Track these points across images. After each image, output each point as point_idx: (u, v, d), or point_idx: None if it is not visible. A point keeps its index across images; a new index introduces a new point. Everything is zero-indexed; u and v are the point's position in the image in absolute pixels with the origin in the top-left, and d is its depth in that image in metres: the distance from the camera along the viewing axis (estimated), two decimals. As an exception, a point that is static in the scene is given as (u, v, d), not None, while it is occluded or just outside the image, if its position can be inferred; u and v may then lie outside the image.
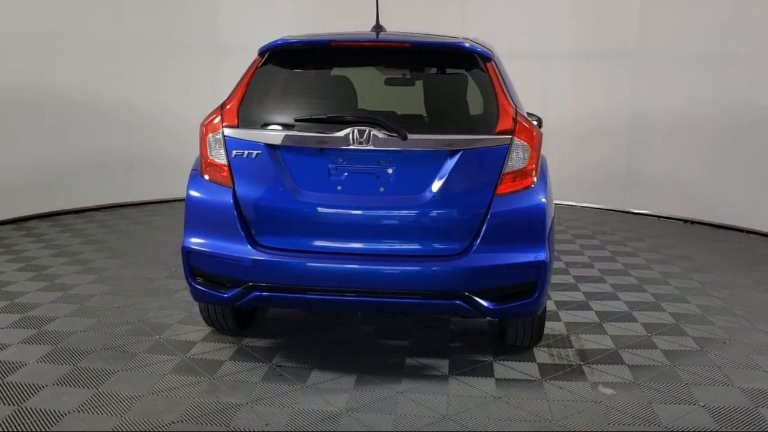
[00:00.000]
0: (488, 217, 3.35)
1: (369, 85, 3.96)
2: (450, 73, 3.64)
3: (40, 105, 7.29)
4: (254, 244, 3.46)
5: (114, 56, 7.90)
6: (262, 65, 3.68)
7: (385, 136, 3.36)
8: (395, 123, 3.37)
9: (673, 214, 7.79)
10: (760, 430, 3.08)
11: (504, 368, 3.72)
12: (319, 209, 3.44)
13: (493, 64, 3.62)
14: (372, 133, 3.35)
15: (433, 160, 3.40)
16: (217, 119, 3.58)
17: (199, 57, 8.50)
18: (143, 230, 6.94)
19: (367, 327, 4.31)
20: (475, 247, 3.34)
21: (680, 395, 3.41)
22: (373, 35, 3.81)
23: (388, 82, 4.07)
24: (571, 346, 4.03)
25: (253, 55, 3.71)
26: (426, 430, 3.06)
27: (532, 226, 3.40)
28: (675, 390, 3.47)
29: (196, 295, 3.64)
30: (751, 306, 4.79)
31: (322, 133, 3.41)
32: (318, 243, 3.44)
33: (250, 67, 3.72)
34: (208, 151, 3.58)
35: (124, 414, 3.12)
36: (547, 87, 8.31)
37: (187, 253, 3.54)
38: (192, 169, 3.70)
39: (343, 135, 3.37)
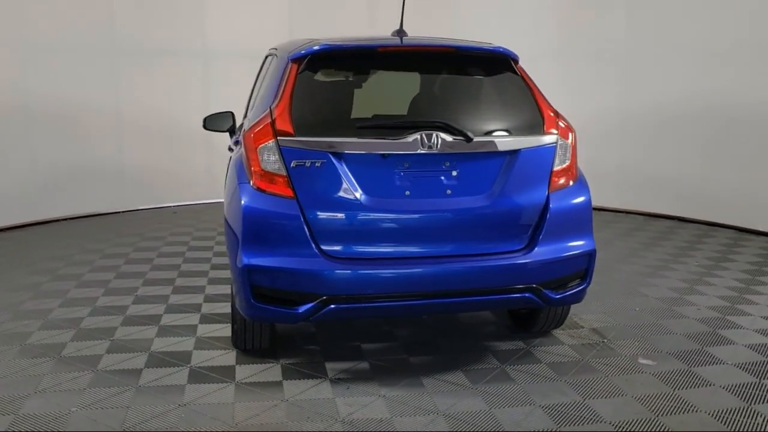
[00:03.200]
0: (547, 212, 3.55)
1: (396, 89, 3.96)
2: (492, 76, 3.77)
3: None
4: (325, 255, 3.35)
5: (102, 62, 7.93)
6: (302, 71, 3.56)
7: (451, 140, 3.42)
8: (461, 125, 3.45)
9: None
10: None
11: (545, 354, 3.95)
12: (390, 215, 3.41)
13: (520, 66, 3.83)
14: (439, 137, 3.40)
15: (494, 160, 3.53)
16: (268, 128, 3.40)
17: (187, 62, 8.52)
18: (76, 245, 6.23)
19: (386, 328, 4.31)
20: (539, 242, 3.52)
21: (706, 359, 3.87)
22: (419, 41, 3.84)
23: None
24: (582, 327, 4.38)
25: (240, 60, 3.52)
26: (534, 420, 3.20)
27: (582, 218, 3.66)
28: (698, 355, 3.93)
29: (257, 314, 3.43)
30: (690, 275, 5.51)
31: (389, 138, 3.39)
32: (391, 249, 3.42)
33: (286, 73, 3.57)
34: (260, 161, 3.40)
35: (234, 449, 2.90)
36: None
37: (249, 272, 3.33)
38: (239, 183, 3.48)
39: (411, 140, 3.38)
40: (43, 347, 3.97)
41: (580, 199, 3.66)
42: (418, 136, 3.38)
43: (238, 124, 5.71)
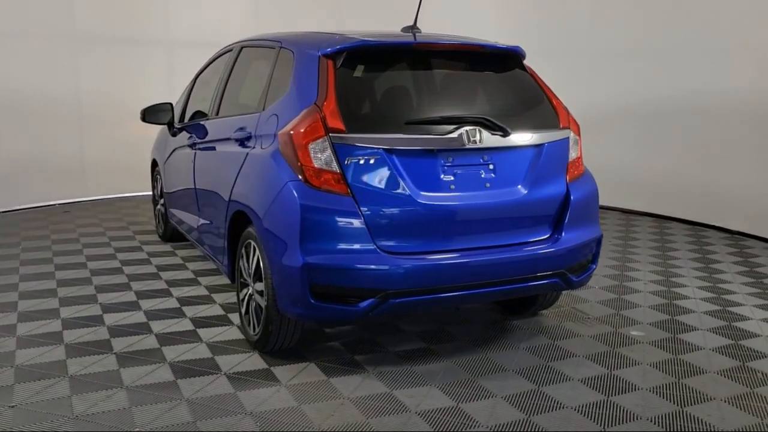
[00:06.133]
0: (569, 202, 3.82)
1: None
2: (507, 72, 3.95)
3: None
4: (382, 250, 3.36)
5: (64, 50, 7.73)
6: (340, 66, 3.52)
7: (490, 134, 3.58)
8: (499, 121, 3.61)
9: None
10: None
11: (549, 333, 4.26)
12: (438, 209, 3.49)
13: (527, 63, 4.07)
14: (482, 132, 3.54)
15: (524, 154, 3.73)
16: (319, 125, 3.34)
17: (150, 51, 8.39)
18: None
19: (387, 321, 4.38)
20: (564, 230, 3.79)
21: (682, 327, 4.39)
22: (445, 38, 3.91)
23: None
24: (562, 306, 4.74)
25: (205, 50, 3.41)
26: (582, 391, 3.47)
27: (592, 207, 3.99)
28: (674, 324, 4.44)
29: (314, 314, 3.37)
30: (612, 253, 6.12)
31: (436, 134, 3.47)
32: (443, 242, 3.51)
33: (324, 69, 3.52)
34: (312, 159, 3.33)
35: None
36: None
37: (308, 270, 3.26)
38: (288, 180, 3.37)
39: (457, 135, 3.49)
40: (41, 367, 3.56)
41: (591, 188, 3.98)
42: (463, 132, 3.50)
43: (177, 116, 5.45)
